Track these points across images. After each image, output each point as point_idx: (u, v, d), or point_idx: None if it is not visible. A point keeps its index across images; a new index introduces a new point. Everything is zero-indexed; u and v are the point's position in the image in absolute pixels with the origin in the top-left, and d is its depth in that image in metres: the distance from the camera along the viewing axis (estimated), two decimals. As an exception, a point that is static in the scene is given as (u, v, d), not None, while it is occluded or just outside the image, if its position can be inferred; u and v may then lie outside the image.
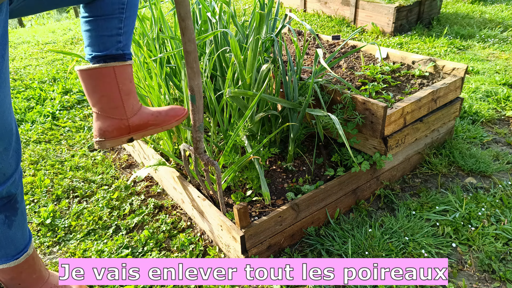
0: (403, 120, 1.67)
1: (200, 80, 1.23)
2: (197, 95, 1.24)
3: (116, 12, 1.13)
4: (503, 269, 1.40)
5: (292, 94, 1.63)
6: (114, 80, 1.18)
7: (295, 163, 1.81)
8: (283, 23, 1.67)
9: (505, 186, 1.82)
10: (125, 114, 1.24)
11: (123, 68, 1.19)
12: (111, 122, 1.23)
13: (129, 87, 1.23)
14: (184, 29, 1.13)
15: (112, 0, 1.12)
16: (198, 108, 1.27)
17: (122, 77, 1.19)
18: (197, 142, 1.34)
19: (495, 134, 2.27)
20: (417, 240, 1.53)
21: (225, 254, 1.54)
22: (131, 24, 1.19)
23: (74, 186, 2.01)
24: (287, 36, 2.71)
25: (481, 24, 4.30)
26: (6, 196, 1.06)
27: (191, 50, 1.17)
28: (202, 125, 1.32)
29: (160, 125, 1.35)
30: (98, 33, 1.15)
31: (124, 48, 1.19)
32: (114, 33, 1.15)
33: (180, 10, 1.11)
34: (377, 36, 4.12)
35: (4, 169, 1.03)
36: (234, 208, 1.31)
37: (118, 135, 1.25)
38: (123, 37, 1.17)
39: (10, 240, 1.13)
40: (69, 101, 3.01)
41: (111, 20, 1.14)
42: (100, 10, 1.12)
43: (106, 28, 1.14)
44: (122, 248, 1.59)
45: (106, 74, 1.17)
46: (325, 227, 1.63)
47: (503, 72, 3.01)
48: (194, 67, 1.19)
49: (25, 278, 1.23)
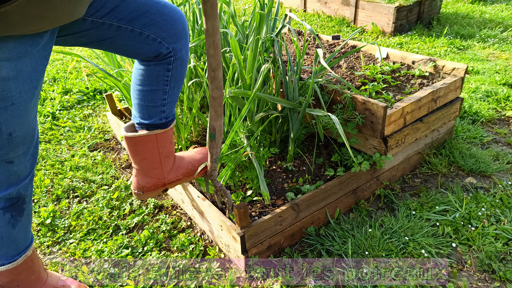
0: (403, 120, 1.67)
1: (222, 121, 1.30)
2: (217, 134, 1.31)
3: (161, 85, 1.18)
4: (503, 269, 1.40)
5: (292, 94, 1.63)
6: (155, 145, 1.25)
7: (295, 163, 1.81)
8: (283, 23, 1.67)
9: (505, 186, 1.82)
10: (162, 174, 1.34)
11: (165, 134, 1.26)
12: (149, 179, 1.33)
13: (169, 149, 1.31)
14: (213, 78, 1.19)
15: (157, 72, 1.16)
16: (217, 144, 1.35)
17: (163, 142, 1.27)
18: (212, 170, 1.43)
19: (495, 134, 2.27)
20: (417, 240, 1.53)
21: (225, 254, 1.54)
22: (176, 93, 1.24)
23: (74, 186, 2.01)
24: (287, 36, 2.71)
25: (481, 24, 4.30)
26: (15, 196, 1.08)
27: (217, 97, 1.23)
28: (218, 157, 1.39)
29: (192, 175, 1.43)
30: (143, 103, 1.20)
31: (168, 115, 1.25)
32: (159, 104, 1.20)
33: (212, 62, 1.16)
34: (377, 36, 4.12)
35: (20, 171, 1.05)
36: (234, 208, 1.31)
37: (155, 189, 1.35)
38: (167, 107, 1.22)
39: (12, 240, 1.14)
40: (69, 101, 3.01)
41: (156, 92, 1.18)
42: (146, 82, 1.17)
43: (151, 100, 1.19)
44: (122, 248, 1.59)
45: (148, 141, 1.24)
46: (325, 227, 1.63)
47: (503, 72, 3.01)
48: (218, 110, 1.26)
49: (24, 280, 1.23)
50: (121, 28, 1.04)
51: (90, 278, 1.45)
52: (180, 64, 1.18)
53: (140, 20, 1.05)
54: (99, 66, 1.70)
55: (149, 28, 1.07)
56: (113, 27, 1.03)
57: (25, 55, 0.87)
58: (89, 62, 1.73)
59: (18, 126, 0.95)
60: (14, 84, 0.88)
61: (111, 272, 1.48)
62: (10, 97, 0.89)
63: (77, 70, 3.69)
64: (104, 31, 1.03)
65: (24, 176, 1.07)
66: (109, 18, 1.01)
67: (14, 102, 0.90)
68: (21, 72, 0.88)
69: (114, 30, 1.03)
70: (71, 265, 1.54)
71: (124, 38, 1.06)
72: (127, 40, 1.07)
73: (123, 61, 2.11)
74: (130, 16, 1.04)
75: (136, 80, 1.19)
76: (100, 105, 2.99)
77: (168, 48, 1.12)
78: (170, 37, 1.11)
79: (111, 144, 2.42)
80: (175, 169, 1.38)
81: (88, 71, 2.06)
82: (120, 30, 1.04)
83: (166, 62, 1.15)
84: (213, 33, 1.10)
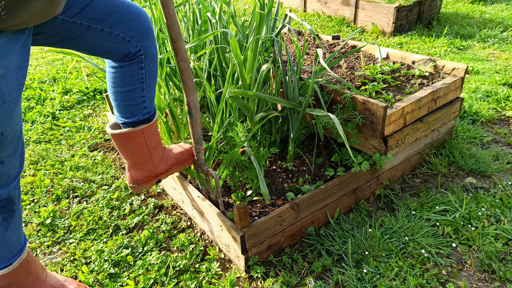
0: (403, 120, 1.67)
1: (195, 96, 1.30)
2: (193, 109, 1.32)
3: (138, 83, 1.21)
4: (503, 269, 1.40)
5: (292, 94, 1.63)
6: (143, 140, 1.30)
7: (295, 163, 1.81)
8: (283, 23, 1.67)
9: (505, 186, 1.82)
10: (153, 165, 1.39)
11: (150, 127, 1.30)
12: (142, 172, 1.38)
13: (155, 140, 1.36)
14: (177, 50, 1.21)
15: (132, 72, 1.19)
16: (196, 122, 1.35)
17: (149, 135, 1.31)
18: (197, 153, 1.43)
19: (495, 134, 2.27)
20: (417, 240, 1.53)
21: (225, 254, 1.54)
22: (153, 88, 1.27)
23: (74, 186, 2.01)
24: (287, 36, 2.71)
25: (481, 24, 4.30)
26: (6, 198, 1.07)
27: (184, 68, 1.25)
28: (201, 137, 1.39)
29: (182, 164, 1.48)
30: (124, 103, 1.24)
31: (150, 110, 1.28)
32: (139, 101, 1.24)
33: (171, 33, 1.19)
34: (377, 36, 4.12)
35: (10, 171, 1.04)
36: (234, 208, 1.31)
37: (148, 181, 1.41)
38: (147, 102, 1.26)
39: (6, 243, 1.13)
40: (69, 101, 3.01)
41: (134, 91, 1.21)
42: (123, 83, 1.20)
43: (131, 99, 1.23)
44: (122, 248, 1.59)
45: (136, 136, 1.28)
46: (325, 227, 1.63)
47: (503, 72, 3.01)
48: (189, 83, 1.27)
49: (22, 282, 1.23)
50: (91, 27, 1.06)
51: (90, 278, 1.45)
52: (151, 60, 1.21)
53: (109, 19, 1.08)
54: (99, 66, 1.70)
55: (117, 27, 1.10)
56: (84, 26, 1.05)
57: (11, 52, 0.88)
58: (89, 62, 1.73)
59: (9, 125, 0.96)
60: (4, 82, 0.89)
61: (111, 272, 1.48)
62: (2, 95, 0.89)
63: (77, 70, 3.69)
64: (74, 30, 1.04)
65: (14, 176, 1.07)
66: (80, 17, 1.03)
67: (6, 101, 0.91)
68: (9, 69, 0.89)
69: (84, 30, 1.05)
70: (71, 265, 1.53)
71: (94, 37, 1.08)
72: (97, 39, 1.09)
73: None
74: (100, 16, 1.06)
75: (112, 83, 1.21)
76: (100, 105, 2.99)
77: (137, 46, 1.15)
78: (138, 35, 1.14)
79: (111, 144, 2.42)
80: (165, 159, 1.42)
81: (88, 71, 2.06)
82: (90, 30, 1.06)
83: (138, 61, 1.18)
84: (166, 3, 1.14)
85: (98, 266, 1.50)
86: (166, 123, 1.80)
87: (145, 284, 1.41)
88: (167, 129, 1.81)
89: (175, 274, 1.46)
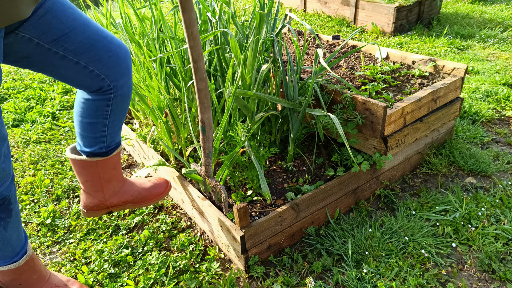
0: (403, 120, 1.67)
1: (210, 114, 1.32)
2: (207, 127, 1.34)
3: (100, 118, 1.20)
4: (503, 269, 1.40)
5: (292, 94, 1.63)
6: (96, 171, 1.30)
7: (295, 163, 1.81)
8: (283, 23, 1.67)
9: (505, 186, 1.82)
10: (104, 197, 1.38)
11: (106, 161, 1.29)
12: (92, 200, 1.38)
13: (111, 174, 1.34)
14: (196, 70, 1.22)
15: (97, 107, 1.18)
16: (208, 138, 1.37)
17: (105, 168, 1.30)
18: (206, 166, 1.46)
19: (495, 134, 2.27)
20: (417, 240, 1.53)
21: (225, 254, 1.54)
22: (118, 125, 1.26)
23: (74, 186, 2.01)
24: (287, 36, 2.71)
25: (481, 24, 4.30)
26: (0, 198, 1.08)
27: (202, 88, 1.26)
28: (211, 152, 1.42)
29: (139, 204, 1.46)
30: (83, 133, 1.23)
31: (109, 145, 1.27)
32: (98, 135, 1.23)
33: (193, 53, 1.18)
34: (377, 36, 4.12)
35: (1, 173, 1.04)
36: (234, 208, 1.31)
37: (98, 210, 1.41)
38: (107, 138, 1.25)
39: (6, 242, 1.15)
40: (69, 101, 3.01)
41: (95, 125, 1.20)
42: (86, 114, 1.19)
43: (91, 131, 1.22)
44: (122, 248, 1.59)
45: (89, 166, 1.28)
46: (325, 227, 1.63)
47: (503, 72, 3.01)
48: (205, 102, 1.29)
49: (26, 279, 1.24)
50: (66, 58, 1.05)
51: (90, 278, 1.45)
52: (120, 100, 1.20)
53: (86, 54, 1.06)
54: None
55: (94, 63, 1.08)
56: (59, 55, 1.03)
57: None
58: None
59: None
60: None
61: (111, 272, 1.48)
62: None
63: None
64: (49, 57, 1.03)
65: (4, 178, 1.07)
66: (56, 46, 1.02)
67: None
68: None
69: (59, 59, 1.04)
70: (71, 265, 1.53)
71: (68, 68, 1.07)
72: (71, 71, 1.08)
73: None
74: (77, 48, 1.04)
75: (77, 111, 1.21)
76: (100, 105, 2.98)
77: (110, 85, 1.14)
78: (113, 74, 1.13)
79: (111, 144, 2.42)
80: (120, 194, 1.41)
81: (88, 71, 2.06)
82: (65, 60, 1.05)
83: (107, 98, 1.17)
84: (190, 24, 1.13)
85: (98, 266, 1.50)
86: (166, 123, 1.80)
87: (145, 284, 1.41)
88: (167, 129, 1.81)
89: (175, 274, 1.46)
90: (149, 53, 1.78)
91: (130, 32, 1.84)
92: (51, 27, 1.00)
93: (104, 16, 1.97)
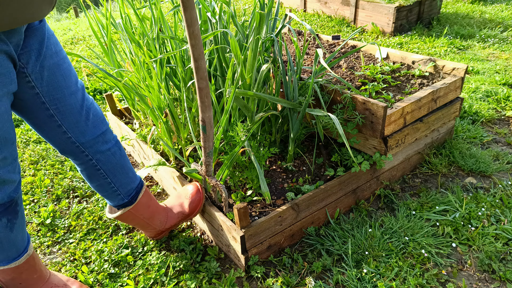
0: (403, 120, 1.67)
1: (211, 113, 1.33)
2: (207, 126, 1.35)
3: (101, 179, 1.30)
4: (503, 269, 1.40)
5: (292, 94, 1.63)
6: (134, 217, 1.42)
7: (295, 163, 1.81)
8: (283, 23, 1.67)
9: (505, 186, 1.82)
10: (155, 229, 1.52)
11: (136, 206, 1.41)
12: (150, 233, 1.57)
13: (149, 212, 1.46)
14: (197, 69, 1.22)
15: (90, 172, 1.27)
16: (209, 137, 1.38)
17: (139, 211, 1.42)
18: (207, 165, 1.46)
19: (495, 134, 2.27)
20: (417, 240, 1.53)
21: (225, 254, 1.54)
22: (123, 177, 1.34)
23: (74, 186, 2.01)
24: (287, 36, 2.71)
25: (481, 24, 4.30)
26: (8, 201, 1.09)
27: (203, 87, 1.26)
28: (212, 151, 1.43)
29: (185, 219, 1.57)
30: (100, 193, 1.36)
31: (127, 194, 1.37)
32: (110, 192, 1.33)
33: (194, 52, 1.19)
34: (377, 36, 4.12)
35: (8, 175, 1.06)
36: (234, 208, 1.31)
37: (160, 235, 1.59)
38: (120, 190, 1.35)
39: (12, 243, 1.16)
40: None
41: (102, 185, 1.31)
42: (88, 179, 1.31)
43: (103, 191, 1.33)
44: (122, 248, 1.59)
45: (126, 216, 1.41)
46: (325, 227, 1.63)
47: (503, 72, 3.01)
48: (206, 101, 1.29)
49: (26, 278, 1.24)
50: (53, 118, 1.11)
51: (90, 278, 1.45)
52: (106, 159, 1.27)
53: (69, 118, 1.13)
54: (99, 66, 1.70)
55: (72, 130, 1.16)
56: (49, 113, 1.10)
57: None
58: (89, 62, 1.73)
59: None
60: None
61: (111, 272, 1.48)
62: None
63: (77, 70, 3.69)
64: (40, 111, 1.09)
65: (13, 180, 1.08)
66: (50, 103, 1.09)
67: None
68: None
69: (47, 117, 1.11)
70: (71, 265, 1.53)
71: (51, 129, 1.13)
72: (52, 131, 1.14)
73: (123, 62, 2.11)
74: (64, 111, 1.12)
75: (84, 177, 1.32)
76: (100, 105, 2.99)
77: (84, 151, 1.21)
78: (88, 142, 1.20)
79: (111, 144, 2.42)
80: (168, 221, 1.53)
81: (88, 71, 2.06)
82: (51, 120, 1.12)
83: (91, 165, 1.25)
84: (192, 23, 1.13)
85: (98, 266, 1.50)
86: (166, 123, 1.80)
87: (145, 284, 1.41)
88: (167, 129, 1.81)
89: (175, 274, 1.46)
90: (149, 53, 1.78)
91: (130, 32, 1.84)
92: (56, 84, 1.07)
93: (104, 16, 1.97)
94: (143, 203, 1.43)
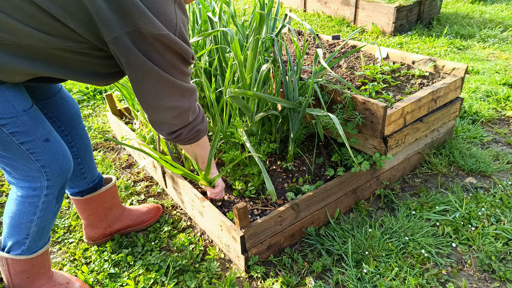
0: (403, 120, 1.67)
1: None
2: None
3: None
4: (503, 269, 1.40)
5: (292, 94, 1.63)
6: (99, 203, 1.52)
7: (295, 163, 1.81)
8: (283, 23, 1.67)
9: (505, 186, 1.82)
10: (107, 224, 1.60)
11: (105, 193, 1.52)
12: (97, 230, 1.59)
13: (111, 202, 1.58)
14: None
15: None
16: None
17: (105, 198, 1.54)
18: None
19: (495, 134, 2.27)
20: (417, 240, 1.53)
21: (225, 254, 1.54)
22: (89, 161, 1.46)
23: (74, 186, 2.01)
24: (287, 36, 2.71)
25: (481, 24, 4.30)
26: (63, 187, 1.21)
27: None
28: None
29: (138, 226, 1.68)
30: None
31: (93, 179, 1.48)
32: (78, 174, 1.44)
33: None
34: (377, 36, 4.12)
35: None
36: (234, 208, 1.31)
37: (102, 238, 1.61)
38: (87, 173, 1.46)
39: (50, 229, 1.26)
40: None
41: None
42: None
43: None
44: (122, 248, 1.59)
45: (93, 200, 1.50)
46: (325, 227, 1.63)
47: (503, 72, 3.01)
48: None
49: (35, 272, 1.27)
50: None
51: (90, 278, 1.45)
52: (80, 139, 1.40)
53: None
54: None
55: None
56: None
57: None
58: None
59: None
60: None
61: (111, 272, 1.48)
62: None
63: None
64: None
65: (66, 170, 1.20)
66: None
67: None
68: None
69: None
70: (71, 265, 1.53)
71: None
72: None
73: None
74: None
75: None
76: (100, 105, 2.98)
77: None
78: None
79: (111, 144, 2.42)
80: (121, 220, 1.63)
81: (88, 71, 2.06)
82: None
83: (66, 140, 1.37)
84: None
85: (98, 266, 1.50)
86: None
87: (145, 284, 1.41)
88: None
89: (175, 274, 1.46)
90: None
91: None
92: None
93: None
94: (111, 192, 1.56)
